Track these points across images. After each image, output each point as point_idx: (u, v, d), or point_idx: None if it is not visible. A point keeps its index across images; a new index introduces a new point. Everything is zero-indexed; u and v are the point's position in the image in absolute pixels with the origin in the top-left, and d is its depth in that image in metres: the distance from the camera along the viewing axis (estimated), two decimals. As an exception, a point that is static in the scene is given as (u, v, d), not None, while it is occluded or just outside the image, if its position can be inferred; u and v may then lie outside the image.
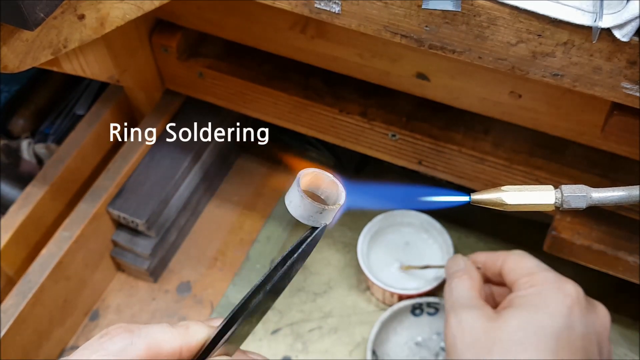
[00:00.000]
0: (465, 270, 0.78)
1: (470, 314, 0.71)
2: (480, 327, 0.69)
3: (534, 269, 0.74)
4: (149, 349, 0.46)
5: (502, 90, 0.75)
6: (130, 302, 1.00)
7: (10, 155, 1.09)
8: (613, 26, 0.51)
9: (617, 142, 0.73)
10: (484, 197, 0.49)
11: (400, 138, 0.85)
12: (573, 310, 0.68)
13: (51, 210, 0.96)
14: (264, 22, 0.82)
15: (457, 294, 0.75)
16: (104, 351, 0.45)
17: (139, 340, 0.46)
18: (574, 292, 0.70)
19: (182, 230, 1.04)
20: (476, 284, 0.76)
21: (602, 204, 0.48)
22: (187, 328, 0.49)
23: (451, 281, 0.77)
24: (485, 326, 0.69)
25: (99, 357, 0.45)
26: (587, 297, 0.73)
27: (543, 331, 0.66)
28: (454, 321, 0.71)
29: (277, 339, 0.95)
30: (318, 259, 1.02)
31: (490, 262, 0.78)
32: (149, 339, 0.47)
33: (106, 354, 0.45)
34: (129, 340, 0.46)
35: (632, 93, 0.56)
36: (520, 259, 0.76)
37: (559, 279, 0.72)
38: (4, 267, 0.92)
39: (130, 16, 0.68)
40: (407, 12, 0.58)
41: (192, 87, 0.96)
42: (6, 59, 0.68)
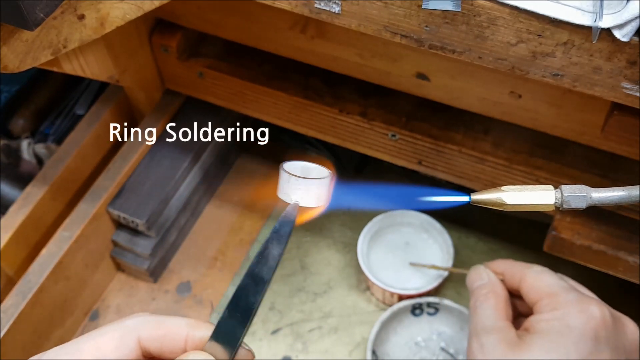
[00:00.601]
0: (490, 286, 0.72)
1: (493, 338, 0.67)
2: (502, 353, 0.65)
3: (556, 289, 0.68)
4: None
5: (502, 90, 0.75)
6: (130, 302, 1.00)
7: (10, 155, 1.09)
8: (613, 26, 0.51)
9: (617, 142, 0.73)
10: (484, 197, 0.49)
11: (400, 138, 0.85)
12: (599, 334, 0.64)
13: (51, 210, 0.96)
14: (264, 22, 0.82)
15: (481, 314, 0.70)
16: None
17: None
18: (599, 313, 0.65)
19: (182, 230, 1.04)
20: (501, 302, 0.71)
21: (602, 204, 0.48)
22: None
23: (475, 299, 0.72)
24: (507, 353, 0.65)
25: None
26: (614, 312, 0.68)
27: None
28: (476, 346, 0.68)
29: (277, 339, 0.95)
30: (318, 259, 1.02)
31: (509, 274, 0.74)
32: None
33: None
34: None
35: (632, 93, 0.56)
36: (541, 276, 0.70)
37: (581, 300, 0.66)
38: (4, 267, 0.92)
39: (130, 16, 0.68)
40: (407, 12, 0.58)
41: (192, 87, 0.96)
42: (6, 59, 0.68)
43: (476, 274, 0.75)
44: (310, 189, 0.44)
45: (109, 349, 0.44)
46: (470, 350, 0.68)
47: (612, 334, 0.65)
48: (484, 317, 0.70)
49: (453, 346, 0.92)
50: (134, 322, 0.46)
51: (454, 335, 0.93)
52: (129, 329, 0.46)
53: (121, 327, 0.46)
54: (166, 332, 0.46)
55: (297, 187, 0.44)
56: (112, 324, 0.46)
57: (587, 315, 0.65)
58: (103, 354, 0.44)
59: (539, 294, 0.69)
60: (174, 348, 0.46)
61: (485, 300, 0.71)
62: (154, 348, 0.46)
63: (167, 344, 0.46)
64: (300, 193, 0.44)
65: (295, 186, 0.44)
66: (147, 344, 0.46)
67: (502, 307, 0.71)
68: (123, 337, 0.45)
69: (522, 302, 0.73)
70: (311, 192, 0.44)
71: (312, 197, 0.44)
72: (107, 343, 0.45)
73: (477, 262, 0.99)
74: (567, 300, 0.67)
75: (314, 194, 0.44)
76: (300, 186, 0.44)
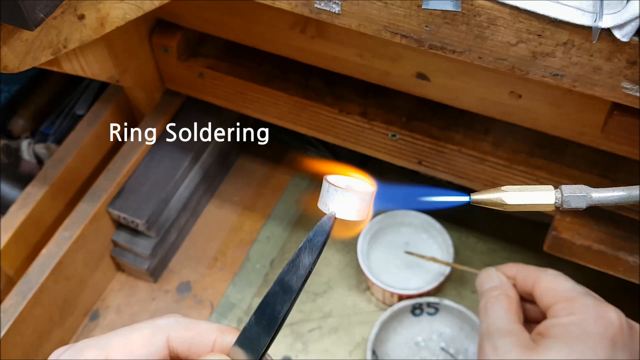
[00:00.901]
0: (502, 288, 0.70)
1: (507, 340, 0.65)
2: (518, 356, 0.63)
3: (572, 294, 0.66)
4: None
5: (502, 90, 0.75)
6: (130, 302, 1.00)
7: (10, 155, 1.09)
8: (613, 26, 0.51)
9: (617, 142, 0.73)
10: (484, 197, 0.49)
11: (400, 138, 0.85)
12: (616, 341, 0.63)
13: (51, 210, 0.96)
14: (264, 22, 0.82)
15: (493, 315, 0.67)
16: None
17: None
18: (617, 320, 0.64)
19: (182, 230, 1.04)
20: (514, 305, 0.69)
21: (602, 204, 0.48)
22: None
23: (486, 301, 0.70)
24: (522, 356, 0.63)
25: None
26: (627, 319, 0.66)
27: None
28: (489, 347, 0.65)
29: (277, 339, 0.95)
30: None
31: (522, 278, 0.71)
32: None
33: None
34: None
35: (632, 93, 0.56)
36: (556, 280, 0.68)
37: (599, 306, 0.65)
38: (4, 267, 0.92)
39: (130, 16, 0.68)
40: (407, 12, 0.58)
41: (192, 87, 0.96)
42: (6, 59, 0.68)
43: (487, 275, 0.73)
44: (348, 200, 0.43)
45: (138, 345, 0.45)
46: (482, 352, 0.66)
47: (628, 341, 0.64)
48: (497, 318, 0.68)
49: (453, 346, 0.92)
50: (165, 322, 0.46)
51: (454, 335, 0.93)
52: (159, 327, 0.46)
53: (152, 326, 0.46)
54: (195, 334, 0.46)
55: (334, 197, 0.44)
56: (144, 322, 0.46)
57: (605, 322, 0.63)
58: (131, 350, 0.44)
59: (555, 297, 0.67)
60: (202, 351, 0.46)
61: (497, 302, 0.69)
62: (182, 349, 0.46)
63: (196, 346, 0.46)
64: (337, 204, 0.44)
65: (333, 196, 0.44)
66: (175, 345, 0.46)
67: (515, 310, 0.69)
68: (153, 336, 0.45)
69: (531, 306, 0.72)
70: (349, 204, 0.43)
71: (349, 209, 0.44)
72: (136, 339, 0.45)
73: (477, 262, 1.00)
74: (584, 305, 0.65)
75: (351, 206, 0.44)
76: (338, 197, 0.43)
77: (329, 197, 0.44)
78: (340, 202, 0.43)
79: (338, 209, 0.44)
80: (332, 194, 0.43)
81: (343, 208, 0.44)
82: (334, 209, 0.43)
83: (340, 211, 0.44)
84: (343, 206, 0.43)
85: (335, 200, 0.43)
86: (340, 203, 0.43)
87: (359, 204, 0.44)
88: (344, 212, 0.44)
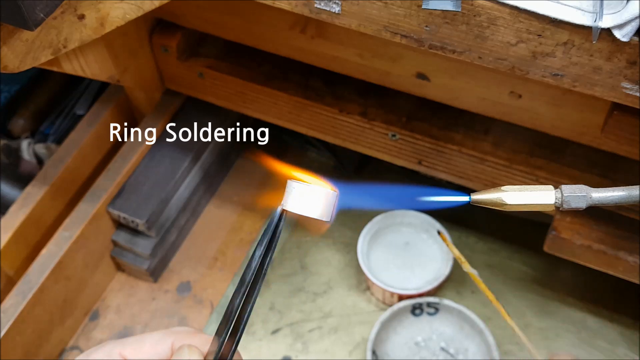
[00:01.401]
0: None
1: None
2: None
3: None
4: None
5: (502, 90, 0.75)
6: (130, 302, 1.00)
7: (10, 155, 1.09)
8: (613, 26, 0.51)
9: (617, 142, 0.73)
10: (484, 197, 0.49)
11: (400, 138, 0.85)
12: None
13: (51, 210, 0.96)
14: (264, 22, 0.82)
15: None
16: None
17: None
18: None
19: (182, 230, 1.04)
20: None
21: (602, 204, 0.48)
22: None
23: None
24: None
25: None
26: None
27: None
28: None
29: (277, 339, 0.95)
30: (318, 259, 1.02)
31: None
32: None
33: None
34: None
35: (632, 93, 0.56)
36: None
37: None
38: (4, 267, 0.92)
39: (130, 16, 0.68)
40: (407, 12, 0.58)
41: (192, 87, 0.96)
42: (6, 59, 0.68)
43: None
44: (299, 193, 0.45)
45: (147, 345, 0.47)
46: None
47: None
48: None
49: (453, 346, 0.92)
50: (175, 329, 0.49)
51: (454, 335, 0.93)
52: (169, 333, 0.48)
53: (164, 331, 0.48)
54: (198, 341, 0.48)
55: (289, 192, 0.46)
56: (161, 330, 0.49)
57: None
58: (141, 348, 0.47)
59: None
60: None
61: None
62: None
63: None
64: (289, 197, 0.45)
65: (288, 192, 0.46)
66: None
67: None
68: (161, 338, 0.48)
69: None
70: (300, 197, 0.45)
71: (300, 203, 0.46)
72: (147, 340, 0.48)
73: (477, 262, 1.00)
74: None
75: (302, 199, 0.45)
76: (290, 190, 0.45)
77: (286, 193, 0.46)
78: (292, 196, 0.46)
79: (288, 201, 0.46)
80: (287, 190, 0.46)
81: (293, 201, 0.46)
82: (285, 203, 0.45)
83: (289, 204, 0.45)
84: (295, 200, 0.46)
85: (289, 195, 0.46)
86: (293, 197, 0.46)
87: (309, 198, 0.46)
88: (293, 205, 0.46)
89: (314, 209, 0.46)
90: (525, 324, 0.95)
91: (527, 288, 0.98)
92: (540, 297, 0.97)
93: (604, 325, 0.94)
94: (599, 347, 0.93)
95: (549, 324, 0.95)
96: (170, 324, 0.98)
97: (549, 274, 0.99)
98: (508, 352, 0.93)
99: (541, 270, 0.99)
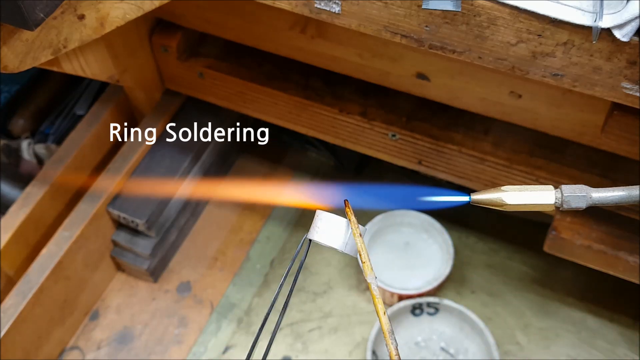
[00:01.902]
0: None
1: None
2: None
3: None
4: None
5: (502, 90, 0.75)
6: (130, 302, 1.00)
7: (10, 155, 1.09)
8: (613, 26, 0.51)
9: (617, 142, 0.73)
10: (484, 197, 0.49)
11: (400, 138, 0.85)
12: None
13: (51, 210, 0.96)
14: (264, 22, 0.82)
15: None
16: None
17: None
18: None
19: (182, 230, 1.04)
20: None
21: (602, 204, 0.48)
22: None
23: None
24: None
25: None
26: None
27: None
28: None
29: (277, 339, 0.95)
30: (318, 259, 1.02)
31: None
32: None
33: None
34: None
35: (632, 93, 0.56)
36: None
37: None
38: (4, 267, 0.92)
39: (130, 16, 0.68)
40: (407, 12, 0.58)
41: (192, 87, 0.96)
42: (6, 59, 0.68)
43: None
44: (322, 223, 0.45)
45: None
46: None
47: None
48: None
49: (453, 346, 0.92)
50: None
51: (454, 335, 0.93)
52: None
53: None
54: None
55: (316, 223, 0.46)
56: None
57: None
58: None
59: None
60: None
61: None
62: None
63: None
64: (314, 227, 0.46)
65: (315, 219, 0.46)
66: None
67: None
68: None
69: None
70: (323, 227, 0.46)
71: (323, 233, 0.46)
72: None
73: (477, 262, 1.00)
74: None
75: (325, 228, 0.46)
76: (316, 219, 0.46)
77: (313, 224, 0.47)
78: (316, 224, 0.47)
79: (313, 232, 0.47)
80: (314, 217, 0.46)
81: (316, 231, 0.47)
82: (311, 233, 0.47)
83: (314, 234, 0.47)
84: (317, 230, 0.47)
85: (316, 226, 0.47)
86: (317, 226, 0.47)
87: (330, 226, 0.47)
88: (316, 235, 0.47)
89: (330, 237, 0.47)
90: (525, 324, 0.95)
91: (527, 288, 0.98)
92: (540, 297, 0.97)
93: (604, 325, 0.95)
94: (599, 347, 0.93)
95: (549, 324, 0.95)
96: (170, 324, 0.98)
97: (549, 274, 0.99)
98: (508, 352, 0.93)
99: (541, 270, 0.99)
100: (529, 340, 0.94)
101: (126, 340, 0.97)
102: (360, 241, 0.45)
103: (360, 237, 0.45)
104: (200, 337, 0.96)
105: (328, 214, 0.46)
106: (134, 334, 0.97)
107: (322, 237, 0.47)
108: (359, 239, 0.45)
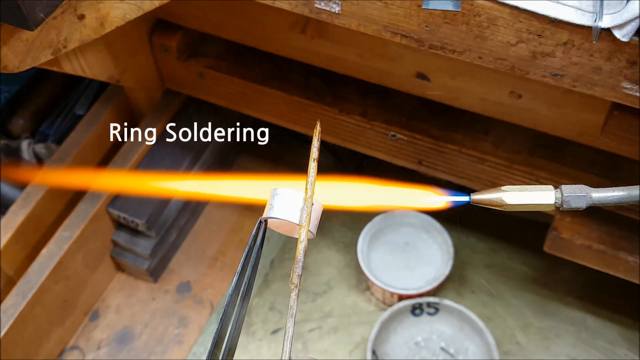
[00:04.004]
0: None
1: None
2: None
3: None
4: None
5: (502, 90, 0.75)
6: (130, 302, 1.00)
7: (10, 155, 1.09)
8: (613, 26, 0.51)
9: (617, 142, 0.73)
10: (484, 197, 0.49)
11: (400, 138, 0.85)
12: None
13: (51, 210, 0.96)
14: (264, 22, 0.82)
15: None
16: None
17: None
18: None
19: (182, 230, 1.04)
20: None
21: (602, 204, 0.48)
22: None
23: None
24: None
25: None
26: None
27: None
28: None
29: (277, 339, 0.95)
30: (318, 259, 1.02)
31: None
32: None
33: None
34: None
35: (632, 93, 0.56)
36: None
37: None
38: (4, 267, 0.92)
39: (130, 16, 0.68)
40: (407, 12, 0.58)
41: (192, 87, 0.96)
42: (6, 59, 0.68)
43: None
44: (277, 200, 0.45)
45: None
46: None
47: None
48: None
49: (453, 346, 0.92)
50: None
51: (454, 335, 0.93)
52: None
53: None
54: None
55: (270, 198, 0.46)
56: None
57: None
58: None
59: None
60: None
61: None
62: None
63: None
64: (270, 204, 0.45)
65: (270, 200, 0.46)
66: None
67: None
68: None
69: None
70: (279, 204, 0.45)
71: (279, 209, 0.45)
72: None
73: (477, 262, 1.00)
74: None
75: (282, 206, 0.45)
76: (271, 197, 0.45)
77: (268, 203, 0.46)
78: (271, 202, 0.46)
79: (269, 209, 0.46)
80: (269, 200, 0.45)
81: (272, 208, 0.46)
82: (266, 212, 0.45)
83: (270, 211, 0.45)
84: (273, 207, 0.46)
85: (269, 202, 0.45)
86: (272, 203, 0.46)
87: (286, 205, 0.45)
88: (272, 210, 0.45)
89: (280, 211, 0.46)
90: (525, 324, 0.95)
91: (527, 288, 0.98)
92: (540, 297, 0.97)
93: (604, 325, 0.95)
94: (599, 347, 0.93)
95: (549, 324, 0.95)
96: (170, 324, 0.98)
97: (549, 274, 0.99)
98: (508, 352, 0.93)
99: (541, 270, 0.99)
100: (528, 340, 0.94)
101: (126, 340, 0.97)
102: (314, 167, 0.44)
103: (315, 162, 0.44)
104: (200, 337, 0.96)
105: (282, 189, 0.46)
106: (134, 334, 0.97)
107: (278, 212, 0.45)
108: (312, 164, 0.44)
